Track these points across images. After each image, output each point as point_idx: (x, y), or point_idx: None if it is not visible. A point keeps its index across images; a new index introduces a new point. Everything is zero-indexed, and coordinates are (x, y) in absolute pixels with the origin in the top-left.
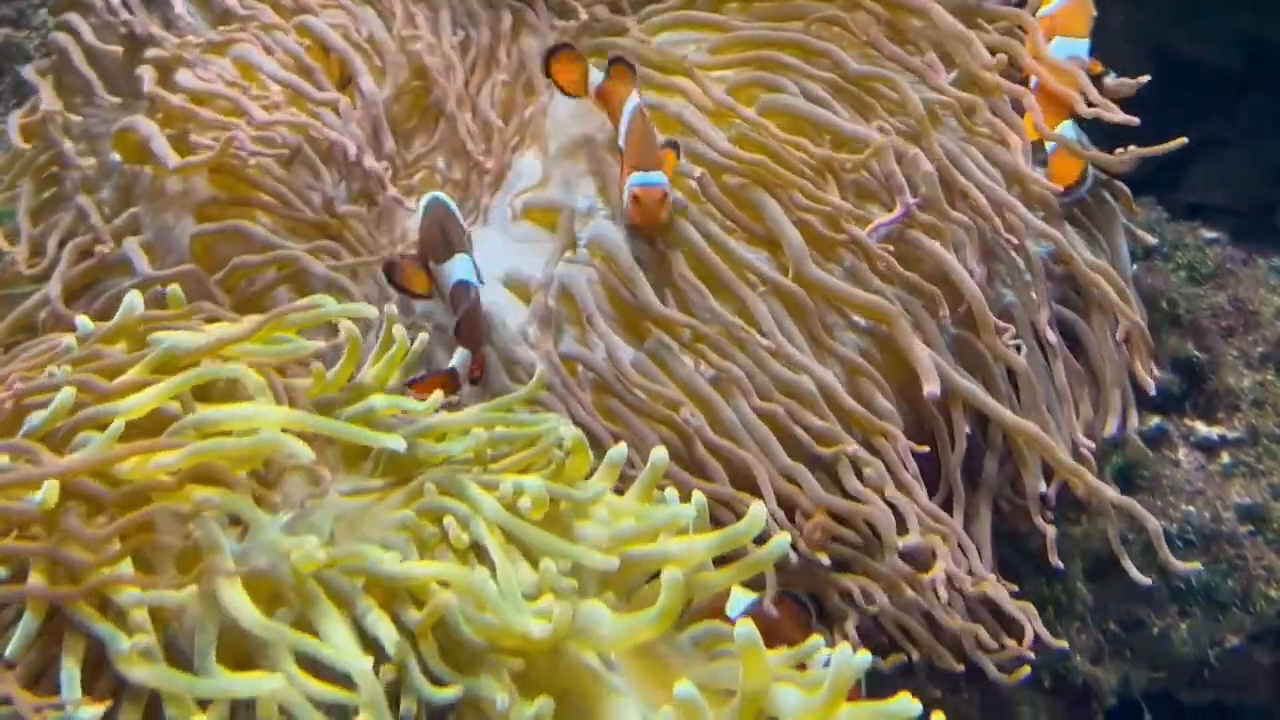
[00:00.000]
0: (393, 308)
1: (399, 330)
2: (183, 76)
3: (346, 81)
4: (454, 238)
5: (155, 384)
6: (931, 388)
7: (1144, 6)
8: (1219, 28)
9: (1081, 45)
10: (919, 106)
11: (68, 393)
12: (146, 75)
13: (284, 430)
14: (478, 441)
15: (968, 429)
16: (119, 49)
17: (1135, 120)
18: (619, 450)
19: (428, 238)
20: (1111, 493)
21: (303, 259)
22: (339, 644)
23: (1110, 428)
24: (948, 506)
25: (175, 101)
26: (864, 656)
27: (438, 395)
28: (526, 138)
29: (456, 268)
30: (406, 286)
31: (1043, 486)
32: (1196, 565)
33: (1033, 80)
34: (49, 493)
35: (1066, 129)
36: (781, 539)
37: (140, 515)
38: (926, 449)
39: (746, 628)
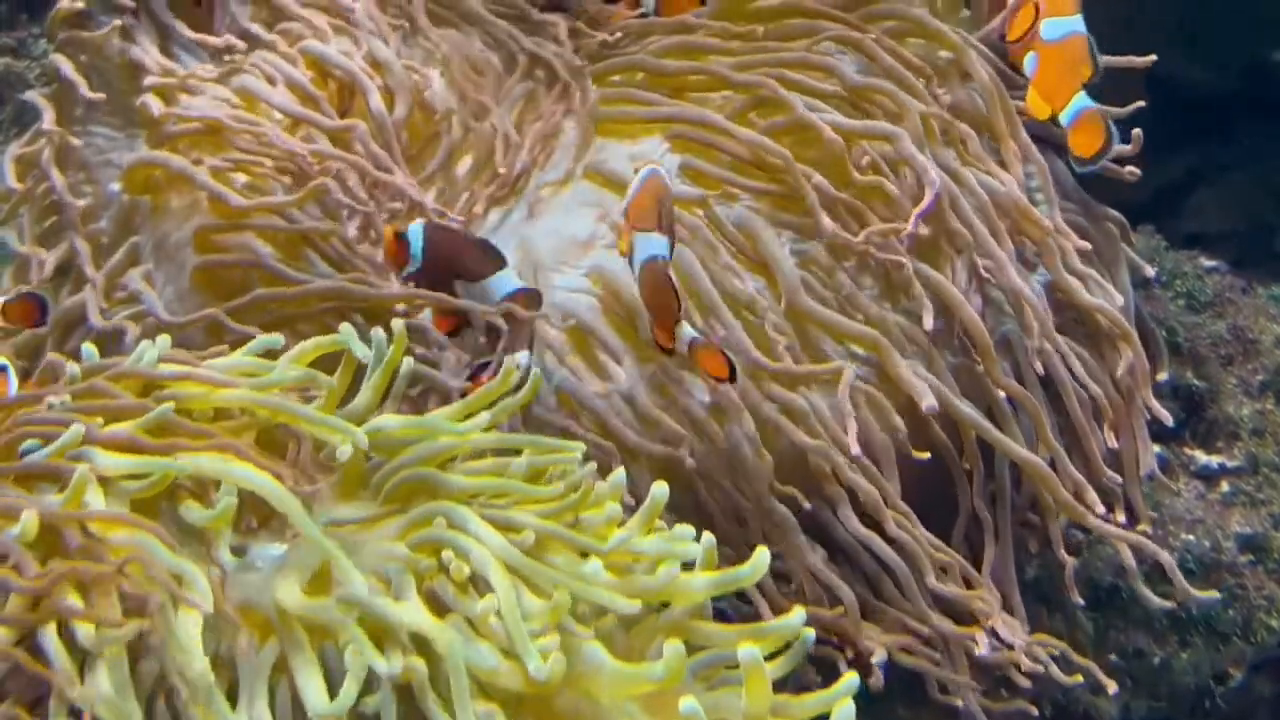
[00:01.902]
0: (380, 331)
1: (396, 325)
2: (187, 103)
3: (345, 111)
4: (491, 252)
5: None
6: (929, 402)
7: (1138, 29)
8: (1216, 50)
9: (1073, 21)
10: (918, 126)
11: (78, 428)
12: (151, 103)
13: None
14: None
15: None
16: (117, 78)
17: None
18: (619, 473)
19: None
20: (1114, 529)
21: (346, 286)
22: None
23: (1146, 465)
24: (970, 539)
25: (181, 128)
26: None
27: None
28: (539, 160)
29: (503, 281)
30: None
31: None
32: (1214, 593)
33: (1031, 56)
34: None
35: (1082, 99)
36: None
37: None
38: (928, 455)
39: (750, 650)
